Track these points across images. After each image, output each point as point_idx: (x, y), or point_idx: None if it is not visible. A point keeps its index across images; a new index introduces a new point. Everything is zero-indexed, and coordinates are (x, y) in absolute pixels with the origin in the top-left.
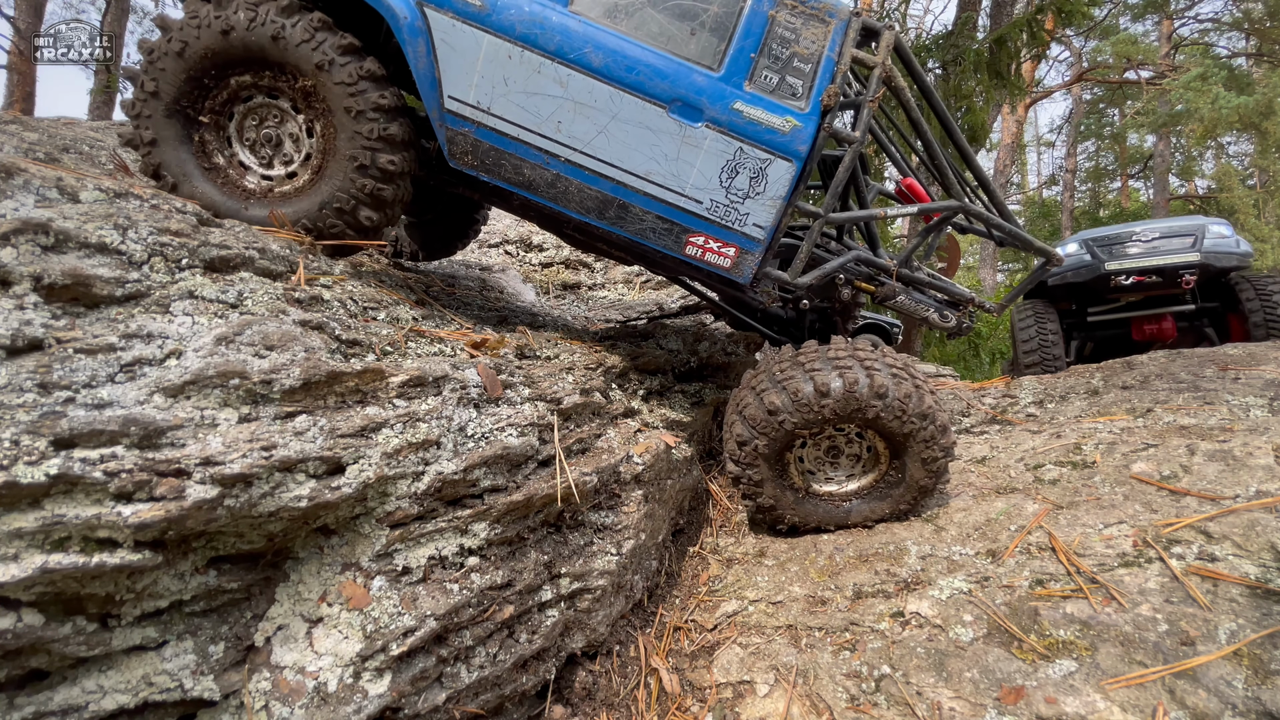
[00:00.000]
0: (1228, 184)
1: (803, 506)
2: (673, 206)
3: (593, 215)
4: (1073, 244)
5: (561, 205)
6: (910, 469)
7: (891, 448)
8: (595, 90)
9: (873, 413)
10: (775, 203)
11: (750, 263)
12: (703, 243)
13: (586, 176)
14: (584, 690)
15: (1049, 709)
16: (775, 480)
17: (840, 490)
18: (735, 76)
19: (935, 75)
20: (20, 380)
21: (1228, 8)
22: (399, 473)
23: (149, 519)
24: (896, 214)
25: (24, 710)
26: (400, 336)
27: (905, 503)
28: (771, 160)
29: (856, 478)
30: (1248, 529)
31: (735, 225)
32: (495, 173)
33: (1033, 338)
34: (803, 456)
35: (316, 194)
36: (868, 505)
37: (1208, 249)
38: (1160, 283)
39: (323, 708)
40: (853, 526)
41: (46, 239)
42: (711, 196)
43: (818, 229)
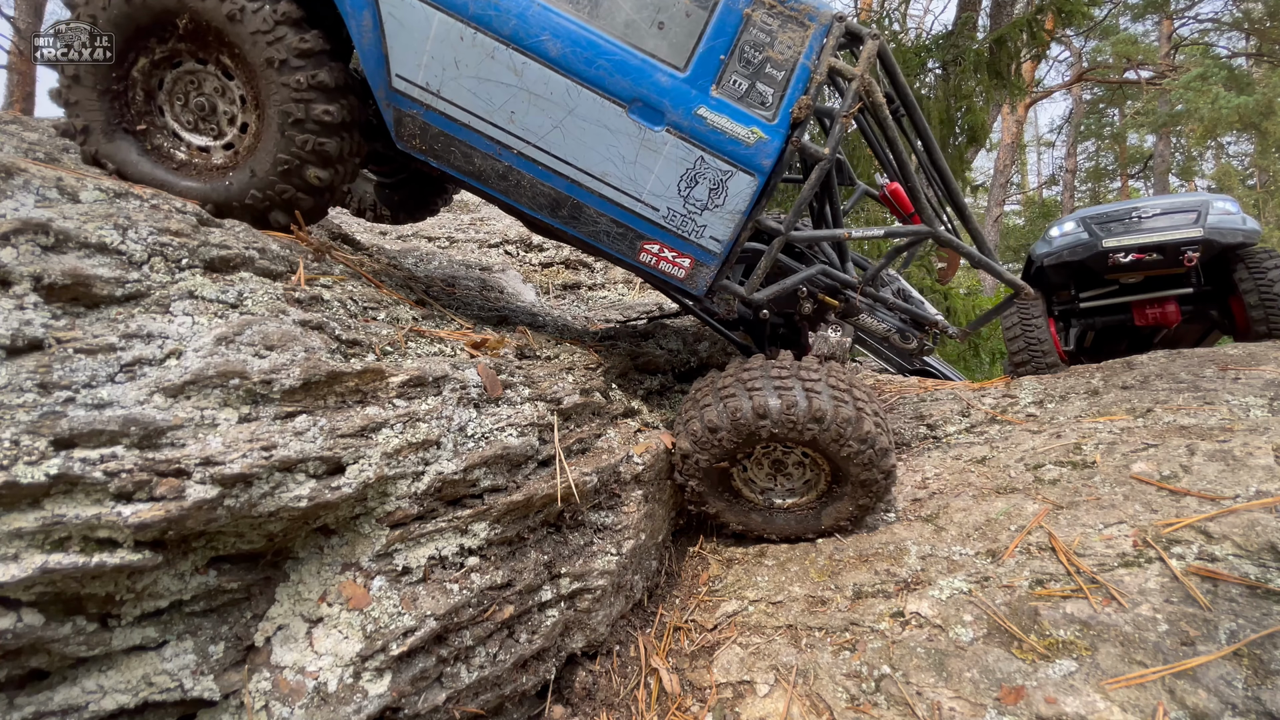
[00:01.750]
0: (1228, 184)
1: (747, 517)
2: (628, 211)
3: (545, 212)
4: (1070, 222)
5: (513, 199)
6: (851, 491)
7: (832, 467)
8: (552, 82)
9: (810, 435)
10: (734, 217)
11: (705, 275)
12: (657, 251)
13: (540, 172)
14: (584, 690)
15: (1049, 709)
16: (718, 492)
17: (783, 504)
18: (702, 79)
19: (935, 75)
20: (20, 380)
21: (1228, 8)
22: (399, 473)
23: (149, 519)
24: (861, 235)
25: (24, 710)
26: (400, 336)
27: (846, 519)
28: (733, 173)
29: (799, 493)
30: (1248, 529)
31: (691, 236)
32: (444, 159)
33: (1018, 337)
34: (746, 466)
35: (258, 161)
36: (812, 519)
37: (1211, 225)
38: (1161, 260)
39: (323, 708)
40: (796, 539)
41: (46, 239)
42: (669, 205)
43: (776, 247)
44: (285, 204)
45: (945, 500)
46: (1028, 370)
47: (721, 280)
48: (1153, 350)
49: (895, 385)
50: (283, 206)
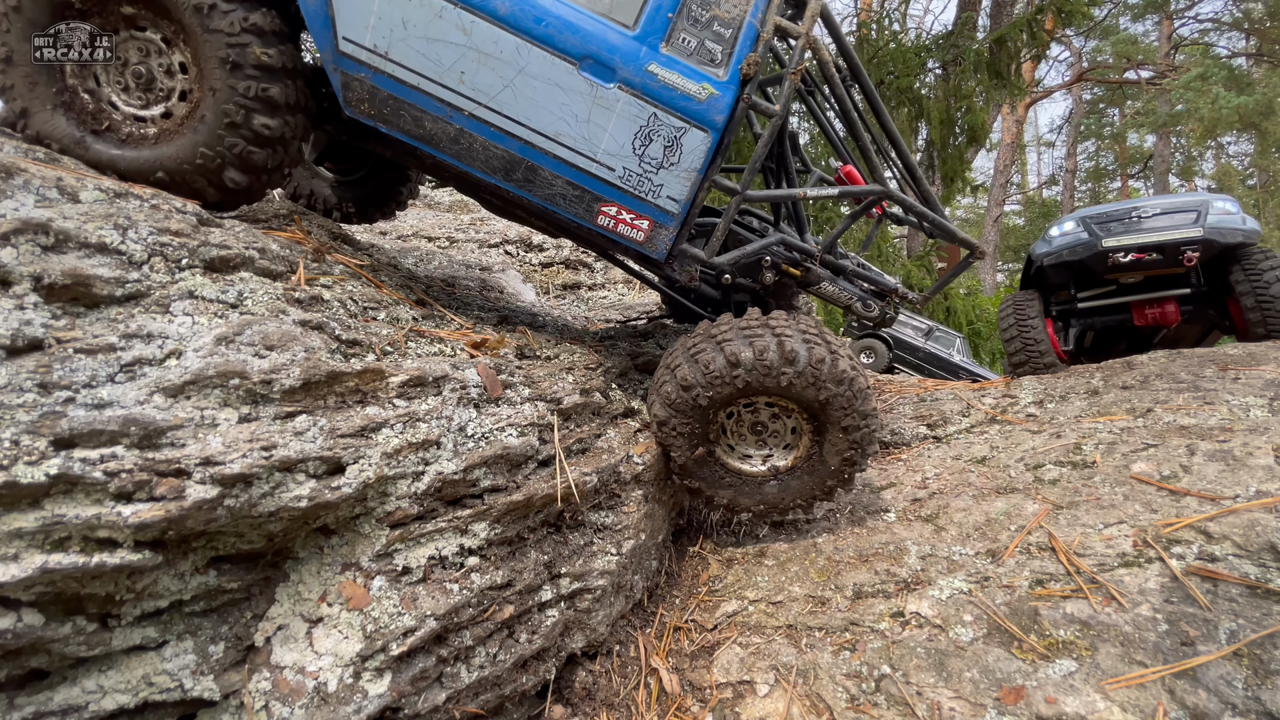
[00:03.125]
0: (1228, 184)
1: (734, 490)
2: (583, 172)
3: (499, 176)
4: (1070, 221)
5: (465, 163)
6: (832, 439)
7: (812, 418)
8: (501, 41)
9: (785, 380)
10: (690, 175)
11: (664, 237)
12: (615, 213)
13: (492, 134)
14: (584, 690)
15: (1049, 709)
16: (701, 463)
17: (769, 469)
18: (651, 36)
19: (935, 75)
20: (20, 380)
21: (1228, 8)
22: (399, 473)
23: (149, 519)
24: (816, 195)
25: (24, 710)
26: (400, 336)
27: (834, 478)
28: (686, 129)
29: (783, 456)
30: (1248, 529)
31: (649, 196)
32: (393, 123)
33: (1015, 338)
34: (728, 429)
35: (195, 133)
36: (800, 483)
37: (1211, 225)
38: (1161, 260)
39: (323, 708)
40: (783, 509)
41: (46, 239)
42: (624, 164)
43: (735, 206)
44: (238, 158)
45: (945, 500)
46: (1025, 370)
47: (681, 244)
48: (1152, 350)
49: (895, 385)
50: (236, 162)
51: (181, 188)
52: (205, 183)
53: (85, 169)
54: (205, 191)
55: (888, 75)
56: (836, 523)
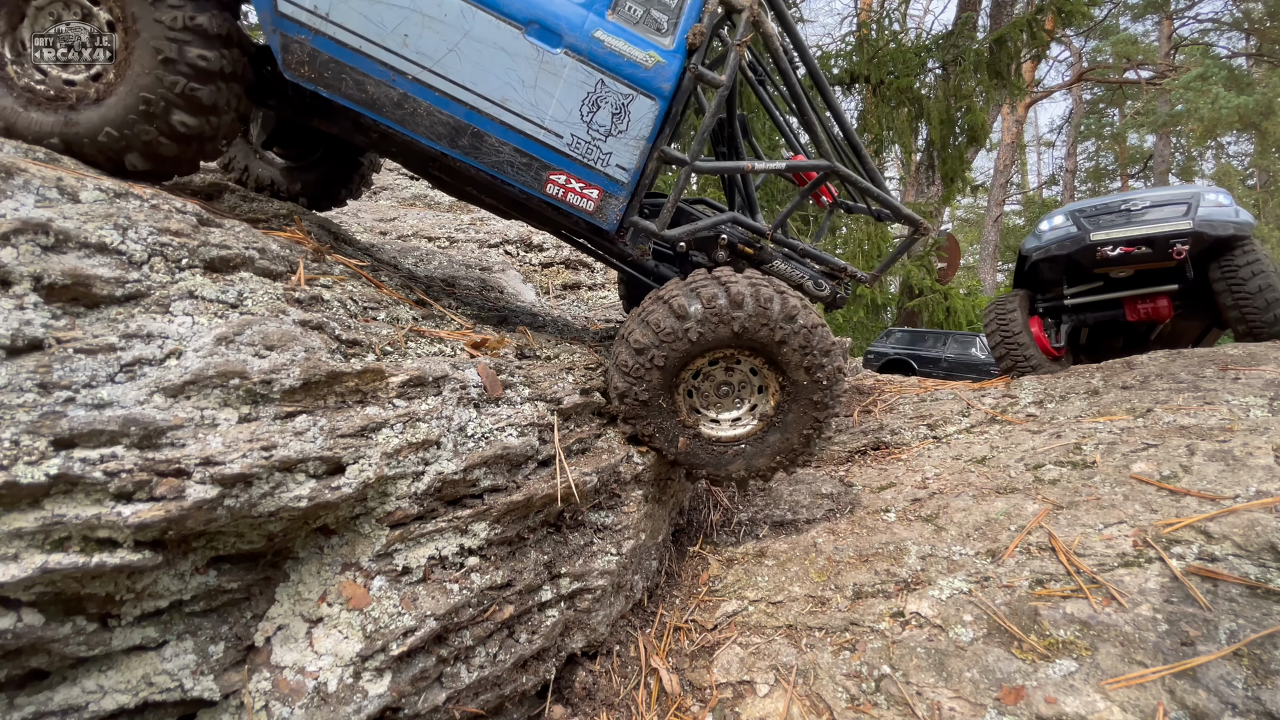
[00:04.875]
0: (1228, 184)
1: (708, 456)
2: (531, 139)
3: (444, 143)
4: (1059, 215)
5: (409, 129)
6: (798, 384)
7: (775, 367)
8: (445, 4)
9: (737, 324)
10: (639, 143)
11: (615, 207)
12: (564, 181)
13: (436, 98)
14: (584, 690)
15: (1049, 709)
16: (667, 432)
17: (739, 432)
18: (598, 3)
19: (935, 75)
20: (20, 380)
21: (1228, 8)
22: (399, 473)
23: (149, 519)
24: (763, 168)
25: (24, 710)
26: (400, 336)
27: (807, 429)
28: (634, 96)
29: (750, 418)
30: (1248, 529)
31: (598, 165)
32: (335, 88)
33: (995, 333)
34: (693, 392)
35: (121, 97)
36: (774, 437)
37: (1201, 217)
38: (1150, 254)
39: (323, 708)
40: (764, 470)
41: (46, 239)
42: (572, 131)
43: (685, 176)
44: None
45: (945, 500)
46: (1011, 370)
47: (632, 216)
48: (1150, 347)
49: (895, 385)
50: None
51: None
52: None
53: (85, 169)
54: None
55: (888, 75)
56: (836, 523)
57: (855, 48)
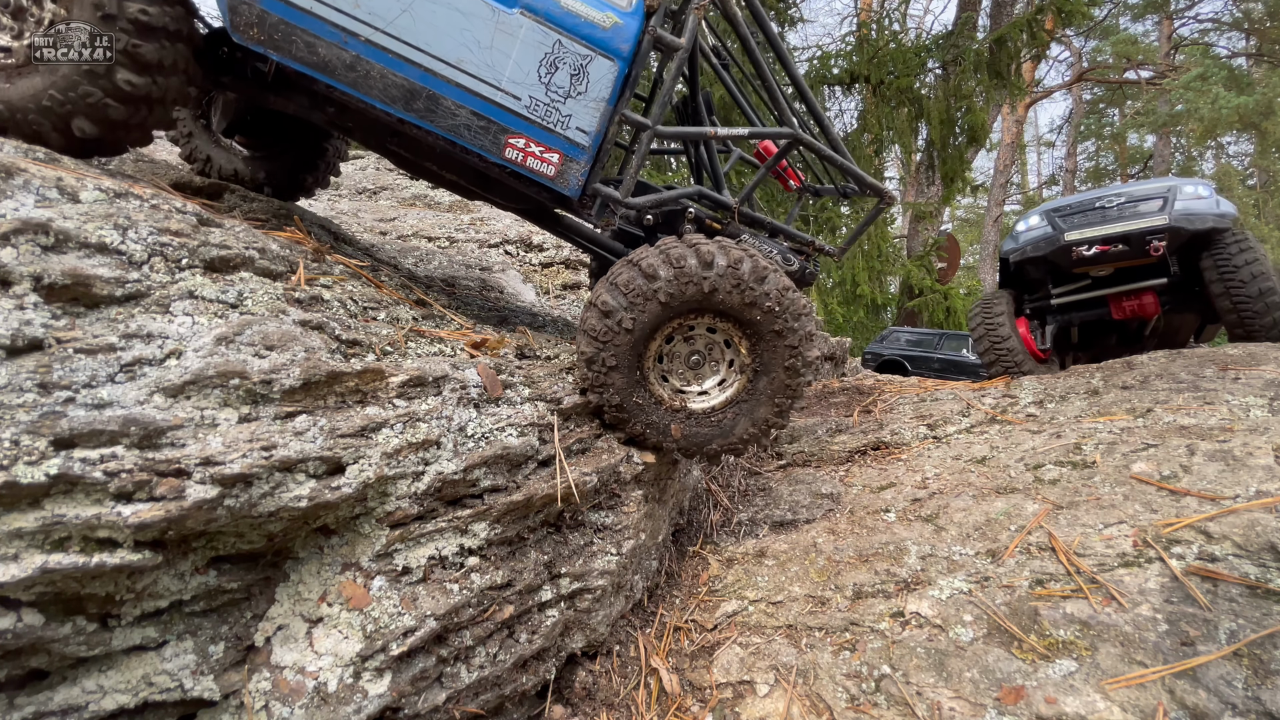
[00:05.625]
0: (1228, 184)
1: (682, 429)
2: (488, 101)
3: (399, 106)
4: (1034, 215)
5: (363, 93)
6: (771, 350)
7: (746, 331)
8: None
9: (707, 285)
10: (599, 105)
11: (576, 172)
12: (523, 145)
13: (390, 60)
14: (584, 690)
15: (1049, 709)
16: (638, 406)
17: (711, 404)
18: None
19: (935, 75)
20: (20, 380)
21: (1228, 8)
22: (399, 473)
23: (149, 519)
24: (726, 134)
25: (24, 710)
26: (400, 336)
27: (781, 397)
28: (592, 57)
29: (719, 390)
30: (1248, 529)
31: (558, 128)
32: (285, 50)
33: (982, 337)
34: (664, 357)
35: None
36: (747, 405)
37: (1178, 212)
38: (1128, 251)
39: (323, 708)
40: (739, 442)
41: (46, 239)
42: (530, 93)
43: (647, 141)
44: (92, 113)
45: (945, 500)
46: (997, 370)
47: (594, 182)
48: (1145, 343)
49: (895, 385)
50: (88, 117)
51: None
52: (79, 115)
53: (85, 168)
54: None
55: (888, 75)
56: (836, 523)
57: (855, 48)
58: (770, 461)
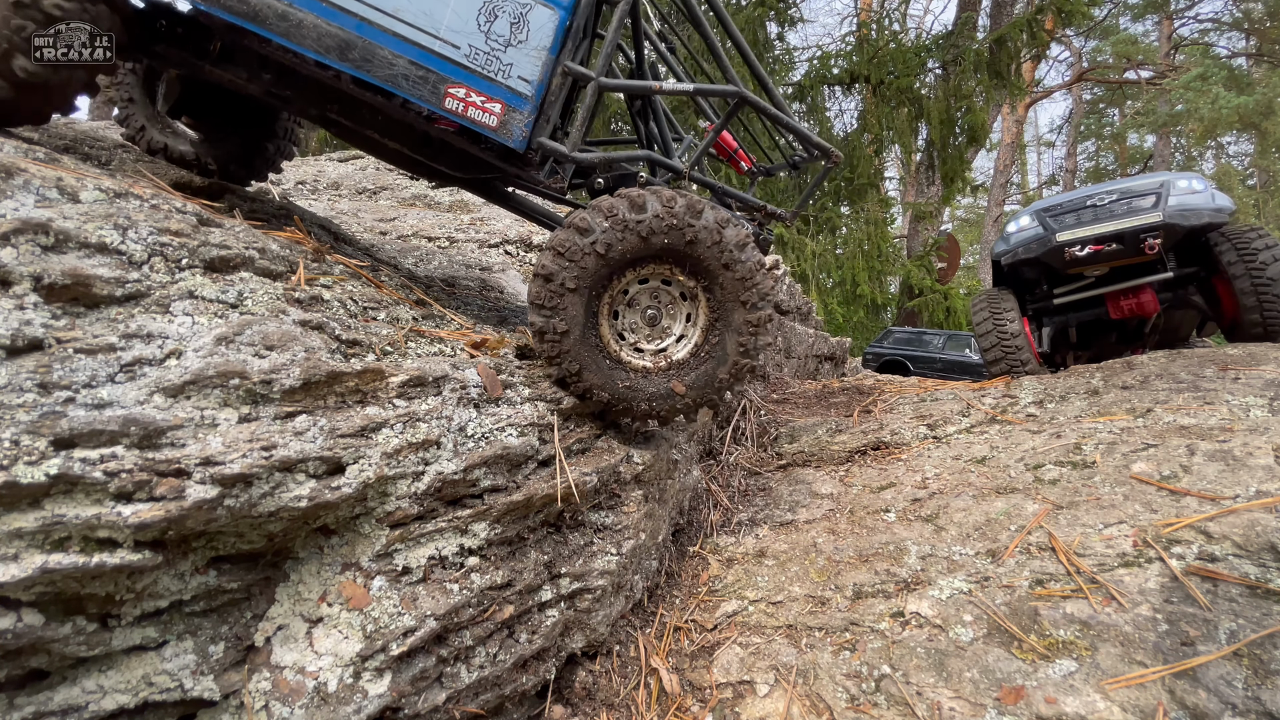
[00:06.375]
0: (1228, 184)
1: (644, 391)
2: (426, 51)
3: (333, 56)
4: (1025, 215)
5: (296, 43)
6: (725, 290)
7: (695, 276)
8: None
9: (644, 229)
10: (540, 54)
11: (519, 122)
12: (464, 95)
13: (324, 9)
14: (584, 690)
15: (1049, 709)
16: (597, 368)
17: (676, 359)
18: None
19: (935, 75)
20: (20, 380)
21: (1228, 8)
22: (399, 473)
23: (149, 519)
24: (671, 89)
25: (24, 710)
26: (400, 336)
27: (744, 336)
28: (532, 6)
29: (679, 346)
30: (1248, 529)
31: (499, 77)
32: (213, 1)
33: (989, 333)
34: (620, 313)
35: None
36: (711, 351)
37: (1172, 208)
38: (1122, 250)
39: (323, 708)
40: (711, 396)
41: (46, 239)
42: (470, 41)
43: (592, 93)
44: None
45: (945, 500)
46: (1001, 370)
47: (540, 136)
48: (1145, 341)
49: (895, 385)
50: None
51: None
52: None
53: (85, 168)
54: None
55: (888, 75)
56: (836, 523)
57: (855, 48)
58: (770, 461)
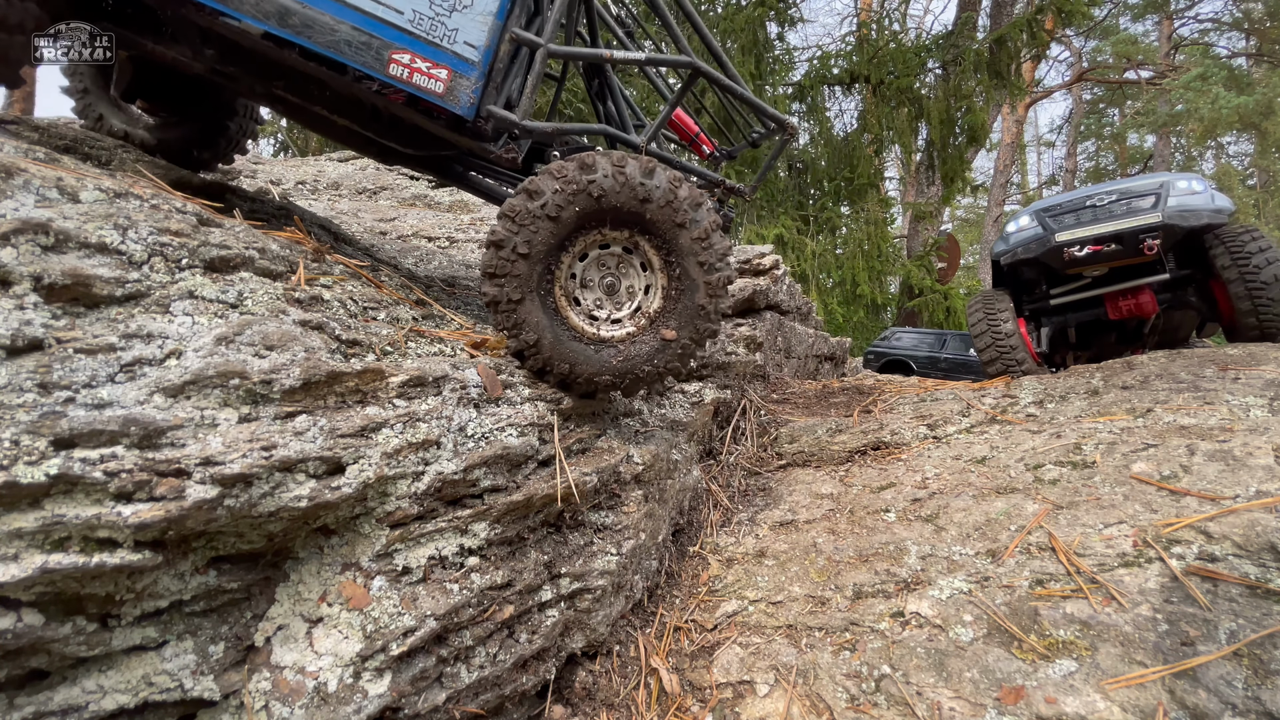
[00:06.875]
0: (1228, 184)
1: (605, 360)
2: (369, 16)
3: (273, 23)
4: (1025, 216)
5: (234, 9)
6: (680, 249)
7: (649, 236)
8: None
9: (595, 189)
10: (486, 19)
11: (466, 88)
12: (409, 61)
13: None
14: (584, 690)
15: (1049, 709)
16: (554, 339)
17: (637, 326)
18: None
19: (935, 75)
20: (20, 380)
21: (1228, 8)
22: (399, 473)
23: (149, 519)
24: (622, 58)
25: (24, 710)
26: (400, 336)
27: (703, 296)
28: None
29: (639, 317)
30: (1248, 529)
31: (444, 42)
32: None
33: (984, 334)
34: (573, 277)
35: None
36: (674, 313)
37: (1171, 208)
38: (1121, 251)
39: (323, 708)
40: (679, 359)
41: (46, 239)
42: (414, 7)
43: (540, 59)
44: None
45: (945, 500)
46: (997, 370)
47: (489, 104)
48: (1145, 341)
49: (895, 385)
50: None
51: None
52: None
53: (85, 168)
54: None
55: (888, 75)
56: (836, 523)
57: (855, 48)
58: (770, 461)
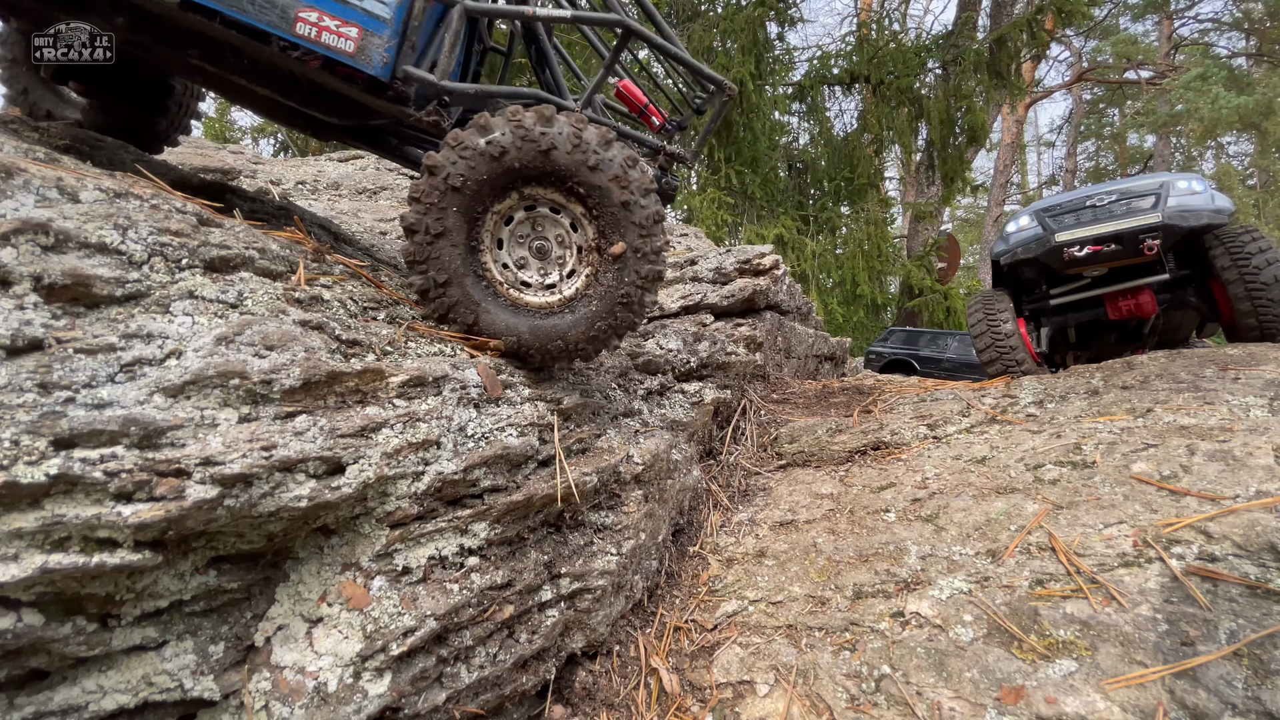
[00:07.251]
0: (1228, 184)
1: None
2: None
3: None
4: (1025, 216)
5: None
6: (602, 200)
7: (568, 189)
8: None
9: (495, 150)
10: None
11: (379, 47)
12: (316, 19)
13: None
14: (584, 690)
15: (1049, 709)
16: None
17: (572, 290)
18: None
19: (935, 75)
20: (20, 380)
21: (1228, 8)
22: (399, 473)
23: (149, 519)
24: (545, 15)
25: (24, 710)
26: (400, 336)
27: (637, 260)
28: None
29: (572, 282)
30: (1248, 529)
31: None
32: None
33: (984, 334)
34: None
35: None
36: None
37: (1171, 208)
38: (1121, 251)
39: (323, 708)
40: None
41: (46, 239)
42: None
43: (458, 16)
44: None
45: (945, 500)
46: (996, 371)
47: (405, 65)
48: (1145, 341)
49: (895, 385)
50: None
51: None
52: None
53: (85, 168)
54: None
55: (888, 75)
56: (836, 523)
57: (855, 48)
58: (770, 461)
